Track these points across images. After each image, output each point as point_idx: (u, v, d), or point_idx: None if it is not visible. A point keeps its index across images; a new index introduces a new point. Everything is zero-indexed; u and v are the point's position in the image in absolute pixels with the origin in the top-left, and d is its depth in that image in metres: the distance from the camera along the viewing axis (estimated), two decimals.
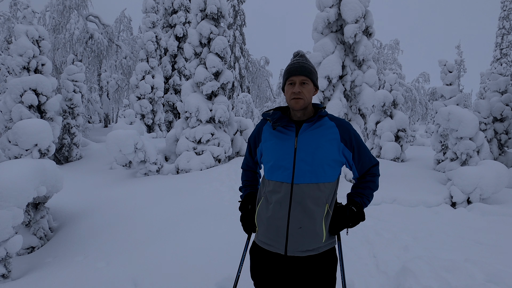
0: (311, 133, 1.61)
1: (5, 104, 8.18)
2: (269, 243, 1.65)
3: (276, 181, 1.63)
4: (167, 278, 3.09)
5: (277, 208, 1.61)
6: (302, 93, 1.60)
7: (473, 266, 3.09)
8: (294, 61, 1.67)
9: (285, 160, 1.60)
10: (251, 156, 1.92)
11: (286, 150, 1.61)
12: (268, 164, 1.68)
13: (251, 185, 1.94)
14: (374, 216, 5.37)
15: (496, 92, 10.68)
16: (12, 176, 3.70)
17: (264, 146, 1.74)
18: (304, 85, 1.62)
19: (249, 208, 1.82)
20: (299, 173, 1.58)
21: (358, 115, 7.57)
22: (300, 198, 1.57)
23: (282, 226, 1.59)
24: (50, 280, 3.24)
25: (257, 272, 1.74)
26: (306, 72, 1.62)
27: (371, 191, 1.71)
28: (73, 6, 17.10)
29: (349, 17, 6.74)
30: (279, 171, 1.62)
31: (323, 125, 1.64)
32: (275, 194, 1.63)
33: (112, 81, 20.94)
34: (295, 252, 1.59)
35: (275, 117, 1.67)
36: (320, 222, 1.59)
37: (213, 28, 8.98)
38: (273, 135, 1.68)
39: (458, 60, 32.38)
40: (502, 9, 23.77)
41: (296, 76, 1.61)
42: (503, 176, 6.33)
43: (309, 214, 1.57)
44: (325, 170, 1.59)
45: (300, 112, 1.66)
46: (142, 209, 5.44)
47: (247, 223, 1.79)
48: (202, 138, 8.81)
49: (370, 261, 3.62)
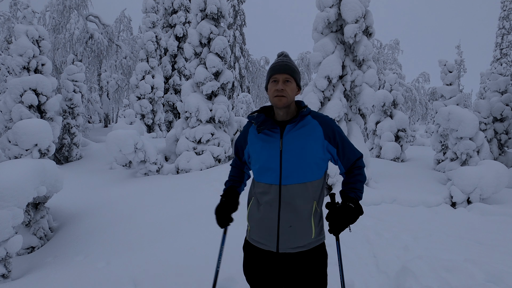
0: (295, 133, 1.64)
1: (5, 104, 8.18)
2: (261, 241, 1.70)
3: (265, 183, 1.67)
4: (167, 278, 3.09)
5: (267, 209, 1.65)
6: (285, 91, 1.62)
7: (473, 266, 3.09)
8: (278, 60, 1.71)
9: (272, 163, 1.64)
10: (239, 157, 1.96)
11: (272, 152, 1.64)
12: (256, 167, 1.72)
13: (234, 180, 1.99)
14: (374, 216, 5.37)
15: (496, 92, 10.68)
16: (12, 176, 3.70)
17: (250, 149, 1.78)
18: (287, 83, 1.64)
19: (223, 200, 1.85)
20: (286, 174, 1.62)
21: (358, 115, 7.56)
22: (288, 198, 1.62)
23: (273, 226, 1.64)
24: (50, 280, 3.24)
25: (249, 268, 1.78)
26: (290, 71, 1.65)
27: (362, 184, 1.75)
28: (73, 6, 17.10)
29: (349, 17, 6.73)
30: (267, 173, 1.66)
31: (307, 124, 1.67)
32: (264, 196, 1.67)
33: (112, 81, 20.94)
34: (287, 249, 1.64)
35: (260, 120, 1.69)
36: (309, 220, 1.64)
37: (213, 28, 8.98)
38: (259, 138, 1.71)
39: (458, 60, 32.39)
40: (502, 9, 23.76)
41: (279, 74, 1.64)
42: (503, 176, 6.33)
43: (298, 212, 1.62)
44: (312, 168, 1.64)
45: (283, 111, 1.68)
46: (142, 209, 5.44)
47: (220, 215, 1.82)
48: (202, 138, 8.82)
49: (370, 261, 3.62)
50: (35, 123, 5.04)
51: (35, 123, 5.05)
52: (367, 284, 3.12)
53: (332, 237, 4.23)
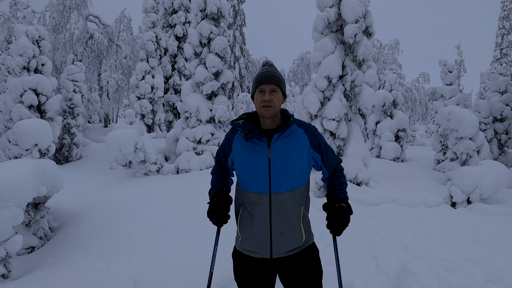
0: (282, 142, 1.68)
1: (5, 104, 8.18)
2: (254, 250, 1.73)
3: (255, 193, 1.68)
4: (167, 278, 3.09)
5: (259, 220, 1.69)
6: (272, 101, 1.65)
7: (473, 266, 3.09)
8: (263, 70, 1.73)
9: (261, 171, 1.66)
10: (221, 164, 1.91)
11: (261, 161, 1.66)
12: (243, 175, 1.73)
13: (220, 184, 1.90)
14: (374, 216, 5.37)
15: (496, 92, 10.68)
16: (12, 176, 3.70)
17: (235, 156, 1.77)
18: (273, 93, 1.67)
19: (216, 200, 1.77)
20: (276, 183, 1.65)
21: (358, 115, 7.57)
22: (279, 206, 1.66)
23: (266, 235, 1.68)
24: (50, 280, 3.24)
25: (241, 276, 1.80)
26: (276, 81, 1.68)
27: (346, 185, 1.84)
28: (73, 6, 17.10)
29: (349, 17, 6.73)
30: (256, 182, 1.67)
31: (293, 133, 1.71)
32: (256, 206, 1.69)
33: (112, 81, 20.93)
34: (280, 254, 1.70)
35: (247, 128, 1.70)
36: (298, 224, 1.70)
37: (213, 28, 8.99)
38: (246, 146, 1.72)
39: (458, 60, 32.38)
40: (502, 9, 23.77)
41: (266, 85, 1.67)
42: (503, 176, 6.33)
43: (288, 219, 1.67)
44: (299, 176, 1.69)
45: (270, 120, 1.71)
46: (142, 209, 5.44)
47: (217, 213, 1.74)
48: (202, 138, 8.82)
49: (370, 261, 3.62)
50: (35, 123, 5.04)
51: (35, 123, 5.05)
52: (367, 284, 3.12)
53: (330, 237, 4.24)
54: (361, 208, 5.77)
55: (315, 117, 7.46)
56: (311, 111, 7.19)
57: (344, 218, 1.65)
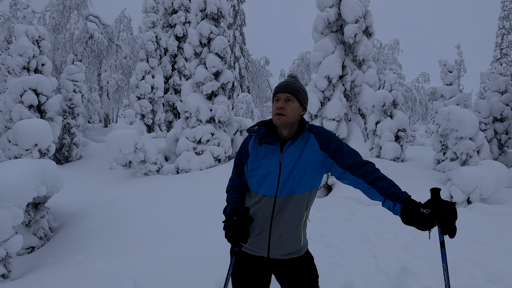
0: (293, 148, 1.69)
1: (5, 104, 8.18)
2: (252, 249, 1.75)
3: (262, 195, 1.69)
4: (167, 278, 3.09)
5: (261, 220, 1.69)
6: (285, 109, 1.65)
7: (473, 266, 3.09)
8: (283, 80, 1.77)
9: (271, 175, 1.67)
10: (239, 176, 1.84)
11: (272, 165, 1.68)
12: (254, 178, 1.73)
13: (237, 201, 1.79)
14: (374, 216, 5.37)
15: (496, 92, 10.67)
16: (12, 176, 3.70)
17: (250, 161, 1.78)
18: (288, 102, 1.67)
19: (234, 219, 1.64)
20: (283, 186, 1.65)
21: (358, 115, 7.57)
22: (282, 209, 1.66)
23: (264, 236, 1.69)
24: (50, 280, 3.24)
25: (237, 273, 1.79)
26: (291, 90, 1.68)
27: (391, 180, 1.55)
28: (73, 6, 17.10)
29: (349, 17, 6.74)
30: (265, 185, 1.68)
31: (304, 139, 1.71)
32: (260, 207, 1.70)
33: (112, 81, 20.94)
34: (277, 256, 1.71)
35: (260, 133, 1.72)
36: (298, 228, 1.70)
37: (213, 28, 8.99)
38: (260, 150, 1.74)
39: (458, 60, 32.38)
40: (502, 9, 23.76)
41: (281, 93, 1.68)
42: (503, 176, 6.33)
43: (290, 222, 1.68)
44: (307, 180, 1.68)
45: (286, 131, 1.71)
46: (142, 209, 5.44)
47: (235, 235, 1.61)
48: (202, 138, 8.82)
49: (370, 261, 3.62)
50: (35, 123, 5.04)
51: (35, 123, 5.05)
52: (367, 284, 3.12)
53: (330, 237, 4.24)
54: (361, 208, 5.77)
55: (315, 117, 7.47)
56: (311, 111, 7.20)
57: (455, 214, 1.35)
